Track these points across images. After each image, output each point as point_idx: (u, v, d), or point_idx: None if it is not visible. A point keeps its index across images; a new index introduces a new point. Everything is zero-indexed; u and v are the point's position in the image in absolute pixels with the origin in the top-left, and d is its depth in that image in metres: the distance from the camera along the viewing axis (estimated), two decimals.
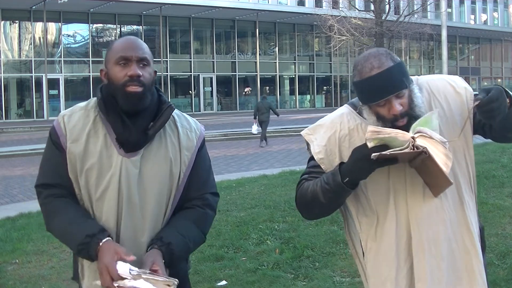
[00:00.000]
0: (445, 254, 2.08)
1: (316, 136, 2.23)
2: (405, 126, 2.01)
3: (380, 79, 2.00)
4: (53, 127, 2.17)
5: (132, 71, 2.06)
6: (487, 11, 51.16)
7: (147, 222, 2.11)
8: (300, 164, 12.39)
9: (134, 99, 2.06)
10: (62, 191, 2.12)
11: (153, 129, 2.11)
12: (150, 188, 2.11)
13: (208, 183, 2.26)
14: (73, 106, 2.24)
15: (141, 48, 2.12)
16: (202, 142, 2.25)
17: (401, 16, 26.44)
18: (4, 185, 10.83)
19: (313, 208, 2.18)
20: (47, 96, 30.38)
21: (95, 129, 2.13)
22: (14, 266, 5.48)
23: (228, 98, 38.65)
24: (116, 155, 2.09)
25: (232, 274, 4.90)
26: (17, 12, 30.57)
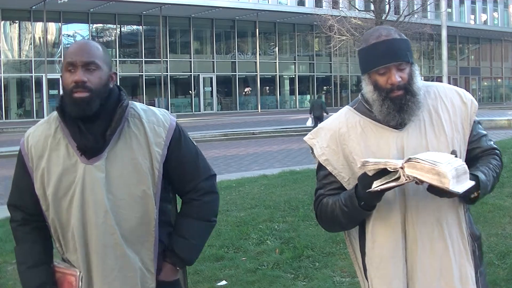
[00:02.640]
0: (440, 253, 2.08)
1: (318, 139, 2.24)
2: (399, 99, 2.05)
3: (385, 46, 2.06)
4: (19, 147, 2.21)
5: (76, 77, 2.04)
6: (487, 11, 51.15)
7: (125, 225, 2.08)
8: (300, 164, 12.40)
9: (80, 104, 2.03)
10: (26, 216, 2.19)
11: (110, 130, 2.07)
12: (120, 191, 2.08)
13: (197, 171, 2.22)
14: (38, 122, 2.25)
15: (88, 52, 2.07)
16: (174, 134, 2.16)
17: (401, 16, 26.44)
18: (4, 185, 10.82)
19: (335, 225, 2.21)
20: (47, 96, 30.38)
21: (56, 140, 2.12)
22: (14, 266, 5.47)
23: (228, 98, 38.65)
24: (80, 164, 2.07)
25: (232, 274, 4.90)
26: (17, 12, 30.57)
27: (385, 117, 2.10)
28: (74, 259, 2.12)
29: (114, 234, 2.06)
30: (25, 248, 2.18)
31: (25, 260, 2.17)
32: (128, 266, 2.09)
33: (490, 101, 50.86)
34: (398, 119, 2.09)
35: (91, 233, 2.06)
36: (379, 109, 2.10)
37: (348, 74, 43.84)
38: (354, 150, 2.13)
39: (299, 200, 7.36)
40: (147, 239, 2.12)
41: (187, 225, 2.20)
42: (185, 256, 2.21)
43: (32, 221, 2.19)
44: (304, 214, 6.64)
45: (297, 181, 9.02)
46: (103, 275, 2.07)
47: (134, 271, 2.10)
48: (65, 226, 2.10)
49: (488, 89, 53.73)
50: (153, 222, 2.12)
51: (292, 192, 7.97)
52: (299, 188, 8.30)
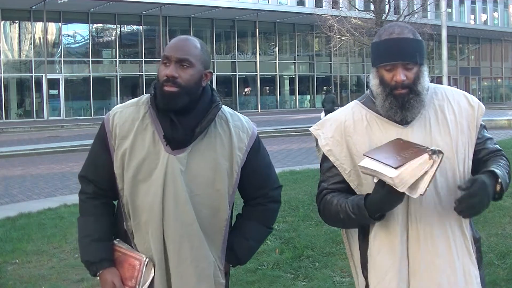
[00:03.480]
0: (442, 252, 2.08)
1: (323, 130, 2.25)
2: (402, 96, 2.07)
3: (395, 44, 2.08)
4: (103, 122, 2.23)
5: (168, 71, 2.10)
6: (487, 11, 51.16)
7: (198, 219, 2.13)
8: (300, 164, 12.39)
9: (167, 98, 2.09)
10: (97, 190, 2.24)
11: (200, 127, 2.13)
12: (196, 186, 2.14)
13: (269, 181, 2.33)
14: (126, 102, 2.29)
15: (184, 49, 2.14)
16: (255, 142, 2.26)
17: (401, 16, 26.42)
18: (4, 185, 10.82)
19: (336, 224, 2.25)
20: (47, 96, 30.38)
21: (143, 125, 2.17)
22: (14, 266, 5.48)
23: (228, 98, 38.65)
24: (163, 152, 2.13)
25: (232, 274, 4.88)
26: (17, 12, 30.57)
27: (387, 112, 2.12)
28: (142, 242, 2.16)
29: (192, 225, 2.12)
30: (91, 221, 2.22)
31: (90, 233, 2.20)
32: (202, 258, 2.15)
33: (490, 101, 50.84)
34: (400, 115, 2.10)
35: (168, 222, 2.11)
36: (382, 103, 2.12)
37: (348, 74, 43.84)
38: (358, 143, 2.14)
39: (299, 200, 7.35)
40: (216, 237, 2.20)
41: (250, 227, 2.30)
42: (242, 255, 2.30)
43: (102, 196, 2.24)
44: (304, 214, 6.64)
45: (297, 181, 9.02)
46: (178, 264, 2.13)
47: (208, 263, 2.16)
48: (140, 209, 2.14)
49: (488, 89, 53.73)
50: (224, 221, 2.20)
51: (292, 192, 7.96)
52: (299, 188, 8.30)
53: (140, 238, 2.17)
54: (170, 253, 2.13)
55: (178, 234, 2.12)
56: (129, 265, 2.17)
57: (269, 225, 2.38)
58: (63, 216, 7.20)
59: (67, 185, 10.56)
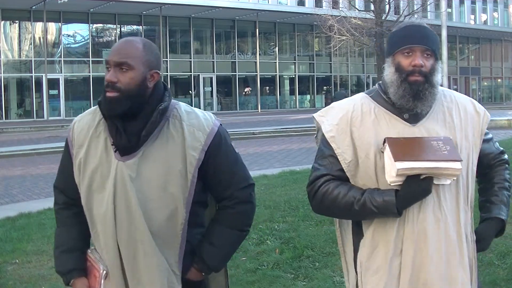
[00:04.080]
0: (432, 252, 2.08)
1: (327, 117, 2.22)
2: (417, 84, 2.06)
3: (416, 29, 2.11)
4: (68, 131, 2.24)
5: (107, 76, 2.05)
6: (487, 11, 51.14)
7: (152, 225, 2.09)
8: (300, 164, 12.38)
9: (109, 104, 2.04)
10: (67, 200, 2.25)
11: (145, 131, 2.07)
12: (149, 191, 2.08)
13: (234, 180, 2.20)
14: (87, 110, 2.28)
15: (122, 52, 2.06)
16: (214, 139, 2.14)
17: (401, 16, 26.41)
18: (4, 185, 10.82)
19: (337, 213, 2.19)
20: (47, 96, 30.37)
21: (97, 132, 2.14)
22: (14, 266, 5.48)
23: (228, 98, 38.65)
24: (114, 160, 2.09)
25: (232, 274, 4.90)
26: (17, 12, 30.56)
27: (399, 100, 2.10)
28: (100, 251, 2.17)
29: (144, 232, 2.07)
30: (63, 232, 2.25)
31: (61, 244, 2.23)
32: (155, 265, 2.10)
33: (490, 101, 50.82)
34: (411, 104, 2.08)
35: (121, 230, 2.08)
36: (395, 90, 2.10)
37: (348, 74, 43.82)
38: (364, 136, 2.12)
39: (299, 200, 7.35)
40: (172, 241, 2.12)
41: (218, 233, 2.19)
42: (212, 263, 2.20)
43: (73, 206, 2.23)
44: (304, 214, 6.64)
45: (297, 181, 9.01)
46: (133, 272, 2.10)
47: (161, 271, 2.11)
48: (95, 219, 2.13)
49: (488, 89, 53.71)
50: (180, 225, 2.12)
51: (292, 192, 7.97)
52: (299, 188, 8.30)
53: (99, 247, 2.17)
54: (125, 262, 2.09)
55: (132, 242, 2.08)
56: (93, 276, 2.17)
57: (242, 228, 2.25)
58: None
59: None
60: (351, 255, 2.24)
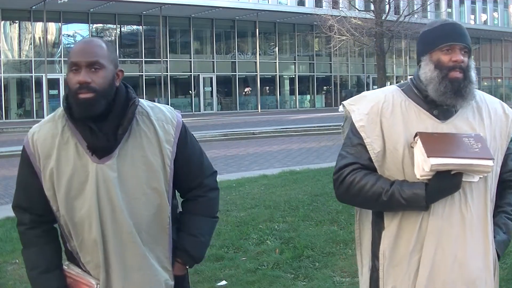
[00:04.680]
0: (453, 250, 2.08)
1: (358, 106, 2.22)
2: (458, 81, 2.07)
3: (453, 27, 2.13)
4: (23, 146, 2.14)
5: (80, 78, 2.00)
6: (487, 11, 51.14)
7: (140, 224, 2.08)
8: (300, 164, 12.39)
9: (85, 105, 2.00)
10: (34, 217, 2.14)
11: (121, 129, 2.06)
12: (132, 189, 2.07)
13: (202, 168, 2.24)
14: (42, 120, 2.20)
15: (91, 51, 2.04)
16: (181, 131, 2.18)
17: (401, 16, 26.42)
18: (4, 185, 10.83)
19: (362, 203, 2.20)
20: (47, 96, 30.37)
21: (64, 139, 2.08)
22: (14, 266, 5.47)
23: (228, 98, 38.64)
24: (91, 163, 2.05)
25: (232, 274, 4.90)
26: (17, 12, 30.55)
27: (440, 97, 2.10)
28: (89, 259, 2.10)
29: (131, 233, 2.06)
30: (36, 252, 2.15)
31: (37, 265, 2.13)
32: (146, 265, 2.09)
33: None
34: (453, 100, 2.09)
35: (108, 232, 2.05)
36: (436, 87, 2.10)
37: (348, 74, 43.81)
38: (393, 127, 2.13)
39: (299, 200, 7.36)
40: (161, 237, 2.13)
41: (196, 223, 2.21)
42: (196, 254, 2.22)
43: (41, 223, 2.16)
44: (304, 214, 6.64)
45: (297, 181, 9.02)
46: (123, 275, 2.07)
47: (153, 270, 2.10)
48: (80, 226, 2.07)
49: (488, 89, 53.65)
50: (167, 219, 2.13)
51: (292, 192, 7.97)
52: (299, 188, 8.30)
53: (86, 256, 2.10)
54: (115, 265, 2.06)
55: (120, 244, 2.06)
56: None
57: (214, 215, 2.29)
58: None
59: None
60: (368, 247, 2.25)
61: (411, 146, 2.08)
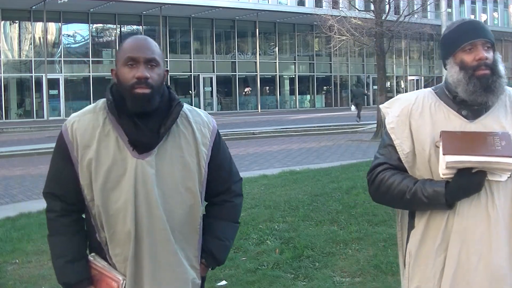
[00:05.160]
0: (479, 250, 2.07)
1: (391, 109, 2.28)
2: (486, 78, 2.06)
3: (471, 24, 2.12)
4: (60, 134, 2.15)
5: (139, 73, 2.04)
6: (487, 11, 51.15)
7: (173, 222, 2.11)
8: (300, 164, 12.39)
9: (142, 101, 2.04)
10: (65, 206, 2.15)
11: (164, 128, 2.10)
12: (168, 187, 2.10)
13: (231, 174, 2.31)
14: (81, 110, 2.21)
15: (150, 48, 2.09)
16: (216, 136, 2.24)
17: (401, 16, 26.39)
18: (4, 185, 10.82)
19: (391, 201, 2.22)
20: (47, 96, 30.38)
21: (105, 131, 2.11)
22: (14, 266, 5.48)
23: (228, 98, 38.65)
24: (130, 158, 2.08)
25: (232, 274, 4.90)
26: (17, 12, 30.57)
27: (470, 96, 2.10)
28: (119, 252, 2.10)
29: (165, 229, 2.08)
30: (63, 241, 2.14)
31: (64, 254, 2.13)
32: (176, 263, 2.11)
33: None
34: (484, 97, 2.09)
35: (142, 227, 2.07)
36: (465, 88, 2.10)
37: (348, 74, 43.83)
38: (421, 128, 2.16)
39: (299, 200, 7.36)
40: (192, 236, 2.17)
41: (222, 227, 2.27)
42: (220, 257, 2.28)
43: (71, 212, 2.16)
44: (304, 214, 6.64)
45: (297, 181, 9.01)
46: (153, 270, 2.09)
47: (183, 267, 2.13)
48: (114, 217, 2.08)
49: None
50: (198, 219, 2.17)
51: (292, 192, 7.96)
52: (299, 188, 8.30)
53: (116, 248, 2.10)
54: (146, 260, 2.08)
55: (153, 240, 2.08)
56: (106, 285, 2.12)
57: (237, 221, 2.36)
58: None
59: None
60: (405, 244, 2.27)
61: (436, 146, 2.10)
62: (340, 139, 18.75)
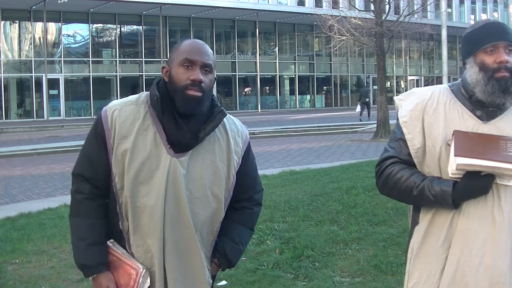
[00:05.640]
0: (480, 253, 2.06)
1: (406, 102, 2.27)
2: (504, 80, 2.06)
3: (496, 26, 2.10)
4: (99, 118, 2.17)
5: (195, 76, 2.09)
6: (487, 11, 51.15)
7: (196, 222, 2.15)
8: (300, 164, 12.39)
9: (193, 103, 2.09)
10: (93, 189, 2.18)
11: (204, 132, 2.14)
12: (196, 189, 2.14)
13: (255, 183, 2.37)
14: (123, 99, 2.24)
15: (207, 54, 2.15)
16: (247, 146, 2.30)
17: (401, 16, 26.39)
18: (4, 185, 10.82)
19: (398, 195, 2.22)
20: (47, 96, 30.37)
21: (144, 125, 2.15)
22: (14, 266, 5.48)
23: (228, 98, 38.65)
24: (165, 154, 2.12)
25: (232, 274, 4.90)
26: (17, 12, 30.56)
27: (488, 97, 2.10)
28: (141, 243, 2.13)
29: (190, 228, 2.13)
30: (87, 224, 2.17)
31: (86, 236, 2.16)
32: (198, 261, 2.17)
33: None
34: (502, 99, 2.09)
35: (168, 224, 2.11)
36: (483, 89, 2.10)
37: (348, 74, 43.83)
38: (434, 125, 2.15)
39: (299, 200, 7.36)
40: (208, 238, 2.22)
41: (239, 232, 2.33)
42: (233, 259, 2.32)
43: (99, 196, 2.19)
44: (304, 214, 6.64)
45: (297, 181, 9.01)
46: (176, 266, 2.13)
47: (203, 267, 2.19)
48: (140, 210, 2.12)
49: None
50: (217, 224, 2.23)
51: (292, 192, 7.96)
52: (299, 188, 8.30)
53: (138, 239, 2.14)
54: (168, 256, 2.12)
55: (177, 237, 2.12)
56: (124, 272, 2.15)
57: (253, 228, 2.44)
58: (63, 216, 7.19)
59: (67, 185, 10.55)
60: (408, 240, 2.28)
61: (447, 144, 2.09)
62: (340, 139, 18.75)
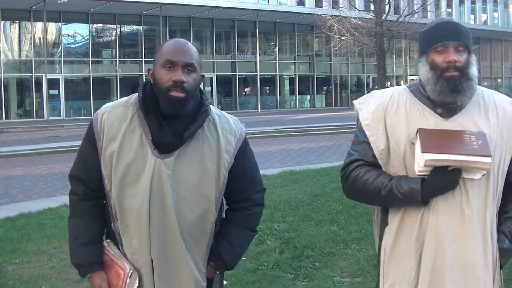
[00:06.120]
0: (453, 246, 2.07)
1: (366, 105, 2.28)
2: (453, 79, 2.08)
3: (446, 26, 2.13)
4: (91, 122, 2.21)
5: (176, 76, 2.08)
6: (487, 11, 51.14)
7: (183, 223, 2.13)
8: (300, 164, 12.39)
9: (175, 104, 2.08)
10: (87, 191, 2.22)
11: (188, 132, 2.12)
12: (183, 190, 2.13)
13: (254, 183, 2.32)
14: (115, 101, 2.26)
15: (189, 53, 2.12)
16: (242, 144, 2.25)
17: (401, 16, 26.39)
18: (4, 185, 10.82)
19: (366, 197, 2.22)
20: (47, 96, 30.37)
21: (131, 127, 2.15)
22: (14, 266, 5.48)
23: (228, 98, 38.64)
24: (150, 156, 2.12)
25: (232, 274, 4.90)
26: (17, 12, 30.55)
27: (438, 96, 2.12)
28: (129, 245, 2.15)
29: (176, 229, 2.12)
30: (82, 224, 2.21)
31: (81, 236, 2.20)
32: (183, 263, 2.15)
33: None
34: (451, 98, 2.11)
35: (154, 226, 2.11)
36: (433, 88, 2.12)
37: (348, 74, 43.82)
38: (396, 125, 2.16)
39: (299, 200, 7.36)
40: (201, 240, 2.19)
41: (236, 233, 2.29)
42: (230, 262, 2.29)
43: (93, 197, 2.23)
44: (304, 214, 6.65)
45: (297, 181, 9.01)
46: (163, 268, 2.13)
47: (188, 268, 2.16)
48: (127, 212, 2.14)
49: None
50: (210, 225, 2.20)
51: (292, 192, 7.97)
52: (299, 188, 8.30)
53: (127, 241, 2.17)
54: (155, 257, 2.12)
55: (163, 238, 2.12)
56: (115, 272, 2.18)
57: (254, 229, 2.38)
58: (63, 216, 7.19)
59: (67, 185, 10.47)
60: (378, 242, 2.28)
61: (412, 143, 2.11)
62: (340, 139, 18.74)
